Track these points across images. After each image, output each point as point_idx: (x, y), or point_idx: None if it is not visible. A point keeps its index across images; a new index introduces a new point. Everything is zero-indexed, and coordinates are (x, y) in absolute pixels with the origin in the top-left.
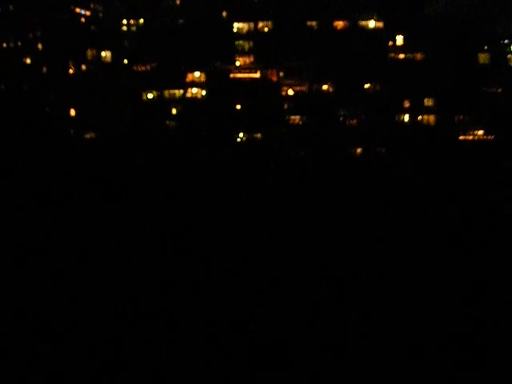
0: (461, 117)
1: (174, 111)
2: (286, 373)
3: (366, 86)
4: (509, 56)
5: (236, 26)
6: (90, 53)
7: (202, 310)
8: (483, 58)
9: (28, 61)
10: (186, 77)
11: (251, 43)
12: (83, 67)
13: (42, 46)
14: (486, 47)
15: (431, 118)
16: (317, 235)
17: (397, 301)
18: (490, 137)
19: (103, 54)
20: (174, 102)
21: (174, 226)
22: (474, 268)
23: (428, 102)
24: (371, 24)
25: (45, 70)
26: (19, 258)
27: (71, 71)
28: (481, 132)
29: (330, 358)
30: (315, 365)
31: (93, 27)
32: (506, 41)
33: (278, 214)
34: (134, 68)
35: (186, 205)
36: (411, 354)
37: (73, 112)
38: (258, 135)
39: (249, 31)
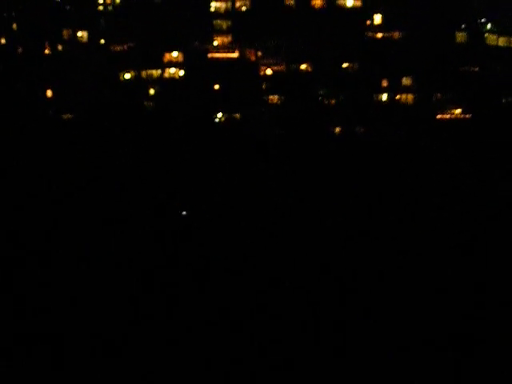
0: (438, 95)
1: (151, 91)
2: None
3: (345, 65)
4: (486, 35)
5: (213, 5)
6: (65, 33)
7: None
8: (460, 36)
9: (2, 41)
10: (163, 57)
11: (229, 22)
12: (59, 47)
13: (17, 26)
14: (463, 26)
15: (409, 97)
16: (299, 217)
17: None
18: (467, 115)
19: (79, 33)
20: (152, 82)
21: (155, 207)
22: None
23: (406, 80)
24: (349, 3)
25: (20, 50)
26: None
27: (47, 51)
28: (458, 111)
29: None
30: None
31: (68, 7)
32: (483, 19)
33: (259, 196)
34: (111, 48)
35: (166, 187)
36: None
37: (49, 93)
38: (237, 115)
39: (226, 10)
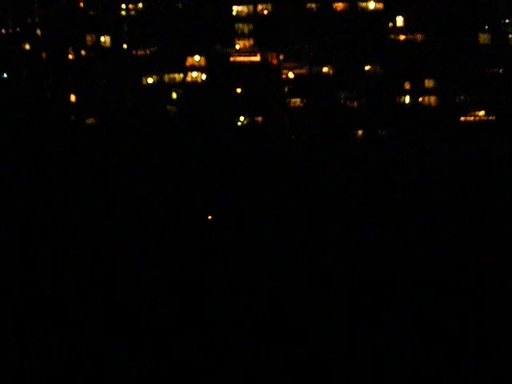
0: (462, 98)
1: (174, 96)
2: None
3: (367, 67)
4: (510, 36)
5: (235, 8)
6: (89, 38)
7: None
8: (484, 38)
9: (27, 47)
10: (185, 61)
11: (251, 26)
12: (83, 52)
13: (41, 31)
14: (486, 27)
15: (432, 100)
16: (319, 218)
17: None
18: (491, 117)
19: (102, 38)
20: (174, 86)
21: (180, 211)
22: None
23: (429, 83)
24: (371, 5)
25: (44, 56)
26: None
27: (70, 57)
28: (482, 113)
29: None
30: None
31: (91, 12)
32: (507, 20)
33: (280, 198)
34: (134, 53)
35: (189, 191)
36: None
37: (73, 98)
38: (259, 119)
39: (248, 14)
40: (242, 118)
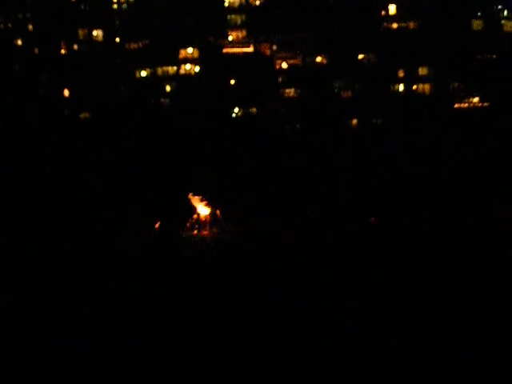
0: (456, 85)
1: (167, 88)
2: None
3: (360, 56)
4: (503, 22)
5: None
6: (81, 32)
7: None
8: (477, 24)
9: (19, 42)
10: (178, 53)
11: (243, 17)
12: (75, 47)
13: (33, 26)
14: (479, 13)
15: (426, 87)
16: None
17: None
18: (485, 104)
19: (95, 32)
20: (168, 78)
21: (172, 204)
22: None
23: (422, 70)
24: None
25: (36, 51)
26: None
27: (63, 51)
28: (476, 99)
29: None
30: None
31: (83, 6)
32: (499, 6)
33: (274, 189)
34: (126, 46)
35: (184, 182)
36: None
37: (66, 92)
38: (253, 110)
39: (240, 4)
40: (236, 110)
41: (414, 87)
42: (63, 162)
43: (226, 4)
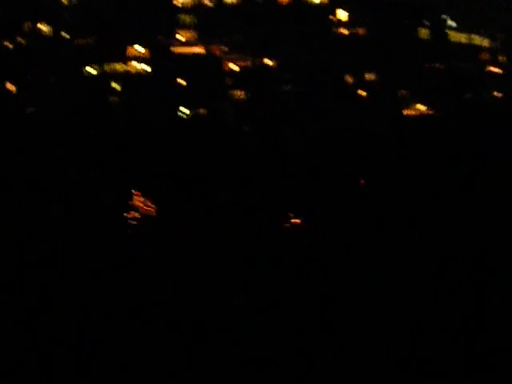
0: (403, 92)
1: (116, 86)
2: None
3: (310, 60)
4: (447, 31)
5: None
6: (27, 26)
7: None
8: (423, 33)
9: None
10: (127, 51)
11: (194, 17)
12: (21, 41)
13: None
14: (426, 22)
15: (374, 93)
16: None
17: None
18: (432, 112)
19: (42, 27)
20: (116, 77)
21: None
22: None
23: (370, 76)
24: None
25: None
26: None
27: (8, 45)
28: (423, 107)
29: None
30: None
31: None
32: (443, 16)
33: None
34: (74, 41)
35: (133, 186)
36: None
37: (13, 88)
38: (203, 111)
39: (191, 4)
40: (184, 110)
41: (361, 92)
42: (7, 159)
43: (176, 3)
